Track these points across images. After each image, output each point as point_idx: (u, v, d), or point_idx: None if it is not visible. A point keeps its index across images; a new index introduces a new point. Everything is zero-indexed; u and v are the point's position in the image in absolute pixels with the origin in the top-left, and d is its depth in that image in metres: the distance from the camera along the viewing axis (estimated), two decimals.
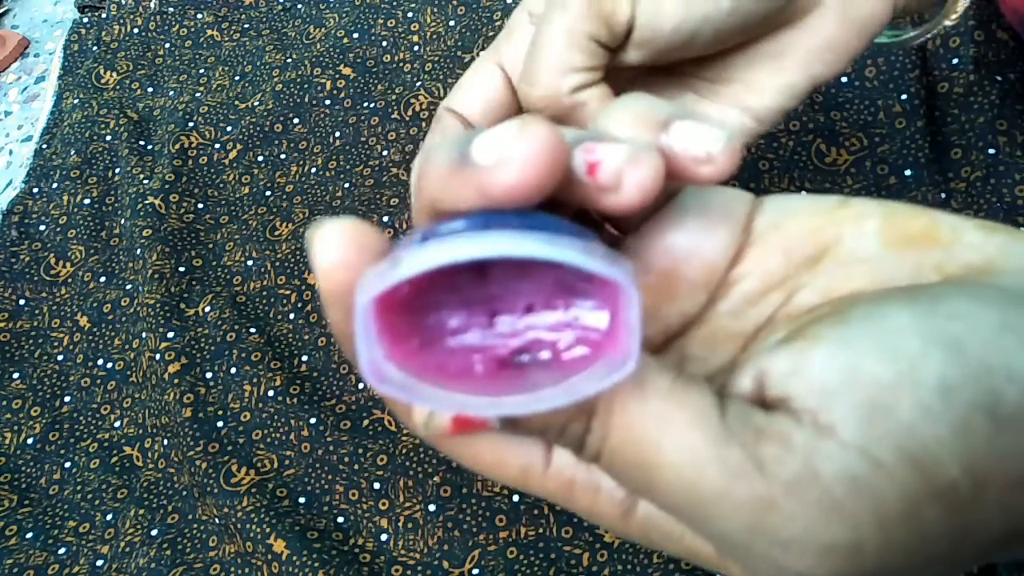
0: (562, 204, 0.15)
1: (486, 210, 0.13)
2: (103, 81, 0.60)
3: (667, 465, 0.13)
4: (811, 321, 0.15)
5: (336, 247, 0.14)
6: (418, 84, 0.52)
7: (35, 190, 0.56)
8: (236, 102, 0.56)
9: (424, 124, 0.51)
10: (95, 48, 0.62)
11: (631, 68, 0.25)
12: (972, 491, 0.13)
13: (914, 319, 0.14)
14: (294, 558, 0.37)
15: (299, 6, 0.60)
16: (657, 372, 0.14)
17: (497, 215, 0.13)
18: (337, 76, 0.54)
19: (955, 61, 0.40)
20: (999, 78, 0.39)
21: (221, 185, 0.53)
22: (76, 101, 0.59)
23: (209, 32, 0.60)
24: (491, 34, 0.52)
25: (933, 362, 0.13)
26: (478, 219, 0.13)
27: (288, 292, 0.47)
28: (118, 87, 0.59)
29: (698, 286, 0.18)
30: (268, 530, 0.38)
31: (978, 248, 0.16)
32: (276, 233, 0.50)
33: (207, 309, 0.47)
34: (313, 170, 0.52)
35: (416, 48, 0.54)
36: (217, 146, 0.54)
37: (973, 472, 0.13)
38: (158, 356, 0.46)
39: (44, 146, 0.58)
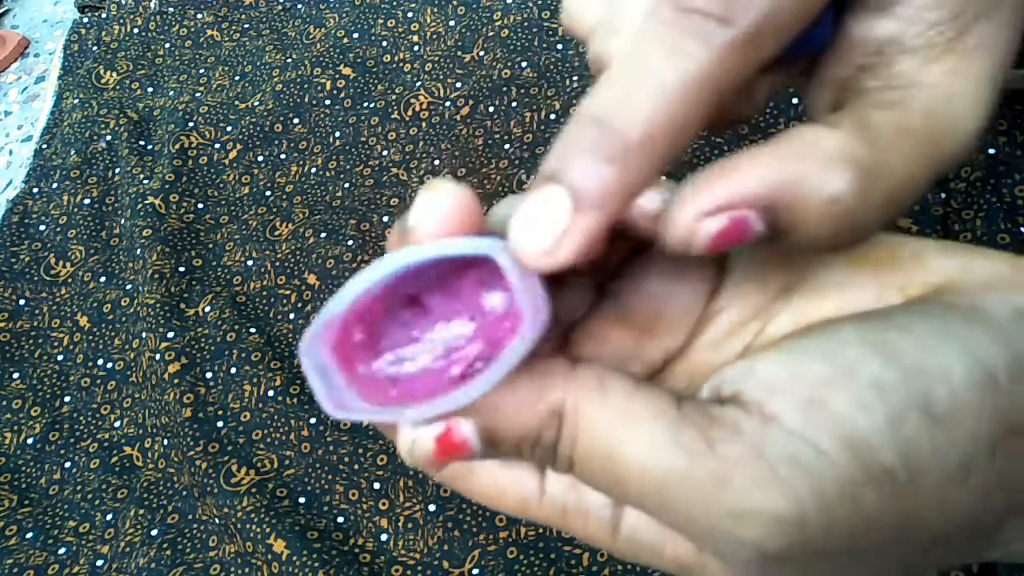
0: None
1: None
2: (103, 81, 0.60)
3: (630, 455, 0.15)
4: (772, 342, 0.17)
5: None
6: (418, 84, 0.52)
7: (35, 190, 0.56)
8: (236, 102, 0.56)
9: (424, 124, 0.51)
10: (95, 48, 0.62)
11: None
12: (909, 480, 0.14)
13: (858, 332, 0.15)
14: (294, 558, 0.37)
15: (299, 6, 0.60)
16: (617, 378, 0.15)
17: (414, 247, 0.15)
18: (337, 76, 0.54)
19: None
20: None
21: (221, 185, 0.53)
22: (76, 101, 0.59)
23: (209, 32, 0.60)
24: (491, 34, 0.52)
25: (869, 364, 0.14)
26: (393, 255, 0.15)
27: (288, 292, 0.47)
28: (118, 87, 0.59)
29: (678, 324, 0.19)
30: (268, 530, 0.38)
31: (938, 270, 0.16)
32: (276, 233, 0.50)
33: (207, 309, 0.47)
34: (313, 170, 0.52)
35: (416, 48, 0.54)
36: (217, 146, 0.54)
37: (908, 462, 0.14)
38: (158, 356, 0.46)
39: (44, 146, 0.58)
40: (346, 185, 0.50)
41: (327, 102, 0.54)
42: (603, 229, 0.14)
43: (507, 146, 0.48)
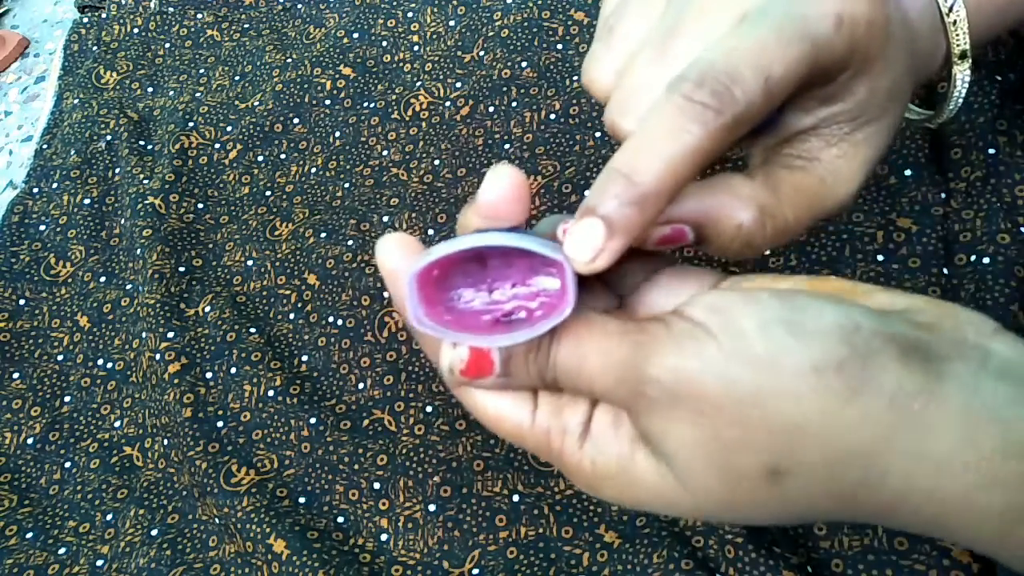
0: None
1: (491, 228, 0.22)
2: (103, 81, 0.60)
3: (586, 346, 0.21)
4: None
5: (392, 249, 0.23)
6: (418, 84, 0.52)
7: (35, 190, 0.56)
8: (236, 102, 0.56)
9: (424, 124, 0.51)
10: (95, 48, 0.62)
11: None
12: (768, 376, 0.19)
13: (775, 292, 0.21)
14: (294, 558, 0.37)
15: (299, 6, 0.60)
16: (586, 312, 0.22)
17: (497, 229, 0.21)
18: (337, 76, 0.54)
19: None
20: (999, 78, 0.39)
21: (221, 185, 0.53)
22: (76, 101, 0.59)
23: (209, 32, 0.60)
24: (491, 34, 0.52)
25: (768, 300, 0.20)
26: (484, 231, 0.21)
27: (288, 292, 0.47)
28: (118, 87, 0.59)
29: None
30: (268, 530, 0.38)
31: (879, 301, 0.21)
32: (276, 233, 0.50)
33: (207, 309, 0.47)
34: (313, 170, 0.52)
35: (416, 48, 0.54)
36: (217, 146, 0.54)
37: (772, 359, 0.19)
38: (158, 356, 0.46)
39: (44, 146, 0.58)
40: (346, 185, 0.50)
41: (327, 102, 0.54)
42: (624, 249, 0.20)
43: (507, 146, 0.48)
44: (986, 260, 0.35)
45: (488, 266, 0.22)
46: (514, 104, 0.49)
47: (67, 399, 0.48)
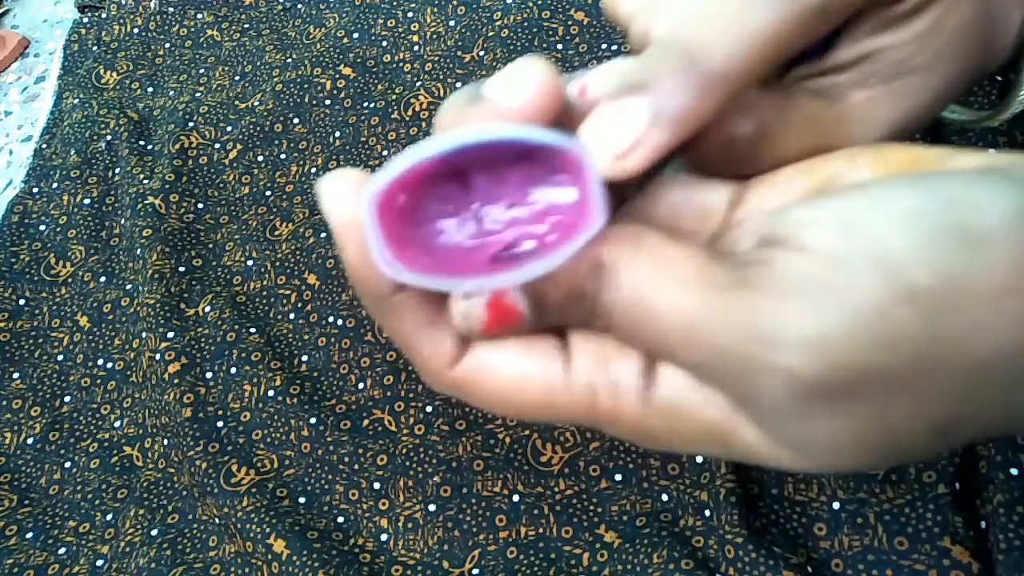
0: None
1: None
2: (103, 81, 0.60)
3: (662, 297, 0.15)
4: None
5: (341, 190, 0.16)
6: (418, 84, 0.52)
7: (35, 190, 0.56)
8: (236, 102, 0.56)
9: (424, 124, 0.51)
10: (95, 48, 0.62)
11: None
12: (946, 298, 0.14)
13: (898, 177, 0.16)
14: (294, 558, 0.37)
15: (299, 6, 0.60)
16: (650, 232, 0.16)
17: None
18: (337, 76, 0.54)
19: None
20: (999, 78, 0.39)
21: (221, 185, 0.53)
22: (76, 101, 0.59)
23: (209, 32, 0.60)
24: (491, 34, 0.52)
25: (909, 194, 0.15)
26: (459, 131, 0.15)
27: (288, 292, 0.47)
28: (118, 87, 0.59)
29: (697, 232, 0.19)
30: (268, 530, 0.38)
31: (965, 167, 0.17)
32: (276, 233, 0.50)
33: (207, 309, 0.47)
34: (313, 170, 0.52)
35: (416, 48, 0.54)
36: (217, 146, 0.55)
37: (945, 280, 0.14)
38: (158, 356, 0.46)
39: (44, 146, 0.58)
40: None
41: (327, 102, 0.54)
42: (669, 147, 0.15)
43: None
44: None
45: (471, 186, 0.17)
46: None
47: (67, 399, 0.48)
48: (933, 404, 0.15)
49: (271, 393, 0.43)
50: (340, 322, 0.45)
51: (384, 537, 0.38)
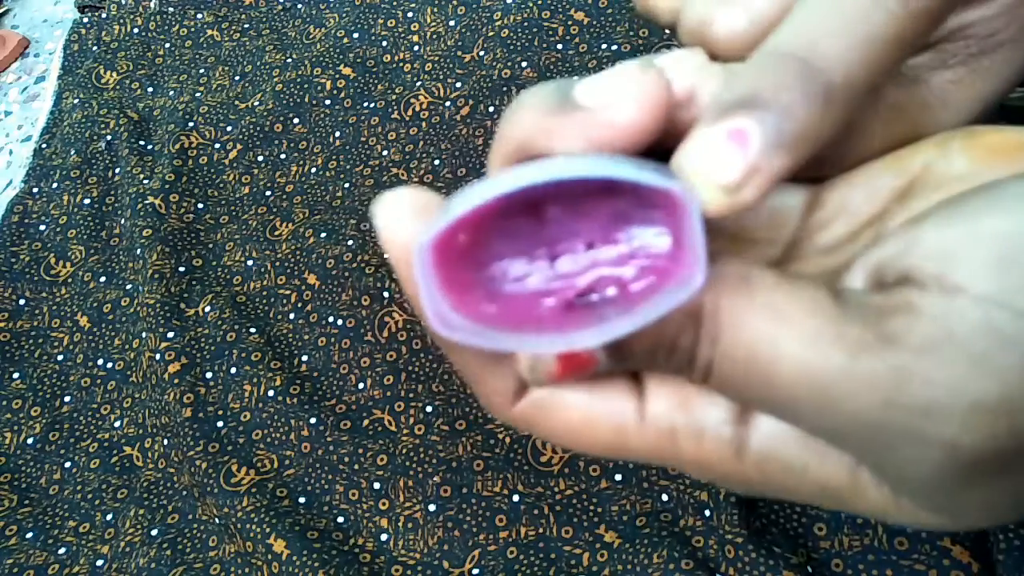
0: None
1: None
2: (103, 81, 0.60)
3: (784, 356, 0.13)
4: (920, 215, 0.14)
5: (399, 214, 0.14)
6: (418, 84, 0.52)
7: (35, 190, 0.56)
8: (236, 102, 0.56)
9: (424, 124, 0.51)
10: (95, 48, 0.62)
11: None
12: None
13: (994, 168, 0.14)
14: (294, 558, 0.37)
15: (299, 6, 0.60)
16: (760, 271, 0.14)
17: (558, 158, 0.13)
18: (337, 76, 0.54)
19: None
20: None
21: (221, 185, 0.53)
22: (76, 101, 0.59)
23: (209, 32, 0.60)
24: (491, 34, 0.52)
25: None
26: (534, 163, 0.13)
27: (288, 292, 0.47)
28: (118, 87, 0.59)
29: (772, 239, 0.17)
30: (268, 530, 0.38)
31: None
32: (276, 233, 0.50)
33: (207, 309, 0.47)
34: (313, 170, 0.52)
35: (416, 48, 0.54)
36: (217, 146, 0.54)
37: None
38: (158, 356, 0.46)
39: (44, 146, 0.58)
40: (346, 185, 0.50)
41: (327, 102, 0.54)
42: (789, 173, 0.13)
43: None
44: None
45: (546, 220, 0.14)
46: None
47: (67, 399, 0.48)
48: None
49: (271, 393, 0.43)
50: (340, 322, 0.45)
51: (384, 537, 0.38)
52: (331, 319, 0.46)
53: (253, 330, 0.46)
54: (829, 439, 0.14)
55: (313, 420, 0.42)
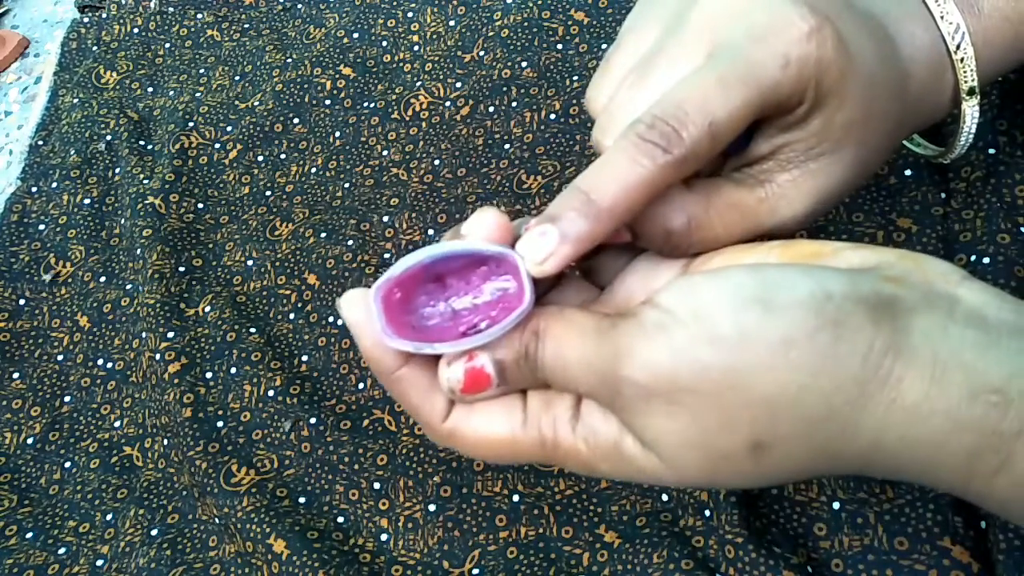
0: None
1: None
2: (103, 81, 0.60)
3: (569, 346, 0.22)
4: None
5: (354, 302, 0.24)
6: (418, 84, 0.52)
7: (34, 189, 0.56)
8: (236, 102, 0.56)
9: (424, 124, 0.51)
10: (95, 48, 0.62)
11: None
12: (739, 344, 0.20)
13: (744, 267, 0.22)
14: (294, 558, 0.37)
15: (299, 6, 0.60)
16: (569, 308, 0.23)
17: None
18: (337, 76, 0.54)
19: None
20: (999, 78, 0.39)
21: (221, 185, 0.53)
22: (76, 101, 0.59)
23: (209, 32, 0.60)
24: (491, 34, 0.52)
25: (738, 275, 0.21)
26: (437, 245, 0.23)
27: (288, 292, 0.47)
28: (118, 87, 0.59)
29: (613, 296, 0.26)
30: (268, 530, 0.38)
31: (849, 260, 0.22)
32: (276, 233, 0.50)
33: (207, 309, 0.47)
34: (313, 170, 0.52)
35: (416, 48, 0.54)
36: (217, 146, 0.54)
37: (740, 331, 0.20)
38: (158, 356, 0.46)
39: (40, 142, 0.58)
40: (346, 185, 0.50)
41: (327, 102, 0.54)
42: (574, 257, 0.22)
43: (507, 146, 0.48)
44: (986, 260, 0.35)
45: (447, 284, 0.24)
46: (514, 104, 0.49)
47: (67, 399, 0.48)
48: (739, 424, 0.20)
49: (271, 393, 0.43)
50: (340, 322, 0.45)
51: (384, 537, 0.38)
52: (331, 319, 0.46)
53: (253, 330, 0.46)
54: (597, 398, 0.22)
55: (313, 420, 0.42)
